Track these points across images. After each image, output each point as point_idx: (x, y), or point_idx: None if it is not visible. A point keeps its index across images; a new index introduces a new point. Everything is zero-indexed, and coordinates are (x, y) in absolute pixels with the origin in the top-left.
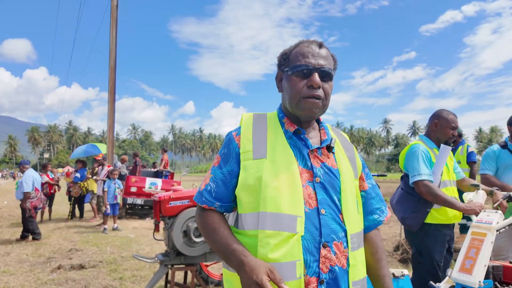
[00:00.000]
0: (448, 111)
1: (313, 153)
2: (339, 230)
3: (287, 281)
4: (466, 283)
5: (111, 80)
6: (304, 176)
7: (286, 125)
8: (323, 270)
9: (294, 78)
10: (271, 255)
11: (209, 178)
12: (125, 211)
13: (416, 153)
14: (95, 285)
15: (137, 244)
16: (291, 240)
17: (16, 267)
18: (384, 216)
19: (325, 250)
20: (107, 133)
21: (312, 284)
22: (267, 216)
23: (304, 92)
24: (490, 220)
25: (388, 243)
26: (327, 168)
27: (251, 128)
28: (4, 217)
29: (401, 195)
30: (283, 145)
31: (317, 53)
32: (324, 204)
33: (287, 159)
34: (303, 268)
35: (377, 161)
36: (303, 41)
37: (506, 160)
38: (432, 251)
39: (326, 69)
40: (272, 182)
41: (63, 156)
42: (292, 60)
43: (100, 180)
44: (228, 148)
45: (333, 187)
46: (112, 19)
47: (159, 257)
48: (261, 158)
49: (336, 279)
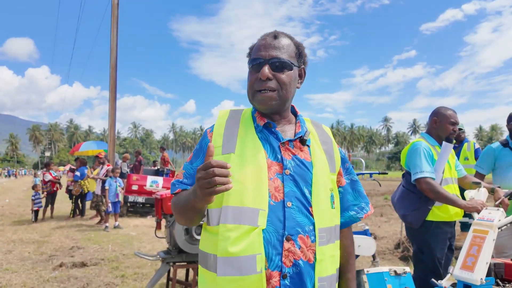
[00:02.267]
0: (447, 108)
1: (285, 146)
2: (307, 223)
3: (248, 275)
4: (468, 281)
5: (112, 78)
6: (273, 169)
7: (257, 119)
8: (286, 264)
9: (250, 73)
10: (231, 248)
11: (182, 174)
12: (126, 209)
13: (418, 150)
14: (97, 282)
15: (138, 242)
16: (252, 234)
17: (18, 265)
18: (363, 214)
19: (289, 244)
20: (108, 131)
21: (274, 278)
22: (229, 210)
23: (256, 85)
24: (492, 217)
25: (389, 241)
26: (298, 160)
27: (224, 124)
28: (6, 215)
29: (402, 192)
30: (252, 139)
31: (270, 44)
32: (292, 196)
33: (255, 152)
34: (265, 262)
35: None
36: (264, 34)
37: (507, 159)
38: (433, 248)
39: (278, 59)
40: (237, 176)
41: (64, 154)
42: (251, 55)
43: (98, 179)
44: (200, 144)
45: (304, 180)
46: (113, 18)
47: (161, 254)
48: (229, 152)
49: (300, 274)
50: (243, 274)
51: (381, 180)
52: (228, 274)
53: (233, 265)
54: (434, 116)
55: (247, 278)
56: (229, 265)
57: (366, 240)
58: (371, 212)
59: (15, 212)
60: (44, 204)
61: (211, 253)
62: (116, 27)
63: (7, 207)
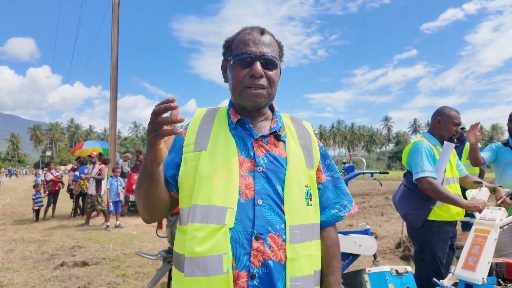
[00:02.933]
0: (451, 108)
1: (258, 142)
2: (278, 222)
3: (214, 275)
4: (470, 280)
5: (113, 78)
6: (244, 166)
7: (232, 116)
8: (255, 264)
9: (236, 68)
10: (197, 248)
11: None
12: (127, 208)
13: (420, 149)
14: (98, 281)
15: (139, 241)
16: (218, 233)
17: (20, 264)
18: (346, 212)
19: (258, 243)
20: (109, 131)
21: (242, 279)
22: (197, 209)
23: (246, 81)
24: (494, 217)
25: (390, 240)
26: (272, 156)
27: (198, 122)
28: (7, 215)
29: (403, 192)
30: (225, 136)
31: (259, 40)
32: (263, 194)
33: (227, 150)
34: (232, 262)
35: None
36: (245, 28)
37: (507, 157)
38: (434, 248)
39: (269, 57)
40: (207, 174)
41: (65, 154)
42: (234, 49)
43: (91, 178)
44: (174, 140)
45: (277, 176)
46: (113, 17)
47: (162, 254)
48: (201, 150)
49: (270, 274)
50: (209, 274)
51: (382, 179)
52: (194, 274)
53: (199, 265)
54: (438, 116)
55: (213, 279)
56: (195, 265)
57: (367, 239)
58: (355, 211)
59: (16, 212)
60: (46, 203)
61: (181, 253)
62: (117, 26)
63: (8, 206)
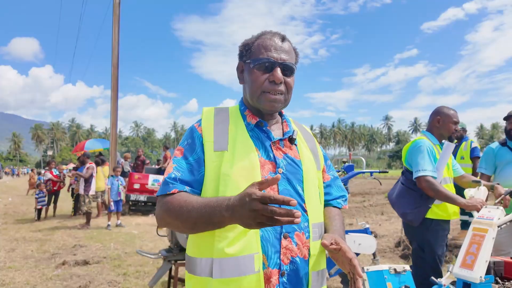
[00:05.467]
0: (448, 107)
1: (276, 145)
2: (302, 220)
3: (246, 275)
4: (468, 279)
5: (113, 77)
6: (266, 168)
7: (248, 118)
8: (284, 262)
9: (256, 71)
10: (228, 249)
11: (172, 168)
12: (128, 207)
13: (422, 148)
14: (99, 280)
15: (140, 240)
16: (249, 233)
17: (22, 263)
18: (342, 205)
19: (286, 241)
20: (110, 130)
21: (274, 276)
22: None
23: (266, 86)
24: (492, 216)
25: (389, 239)
26: (290, 159)
27: (212, 120)
28: (9, 214)
29: (401, 190)
30: (244, 137)
31: (280, 46)
32: (286, 194)
33: (247, 151)
34: (264, 261)
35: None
36: (265, 32)
37: (506, 157)
38: (434, 246)
39: (289, 63)
40: (231, 175)
41: (67, 153)
42: (254, 52)
43: (80, 176)
44: (192, 138)
45: (296, 178)
46: (114, 17)
47: (163, 253)
48: (222, 150)
49: (297, 270)
50: (241, 274)
51: (382, 178)
52: (225, 276)
53: (230, 266)
54: (438, 115)
55: (245, 279)
56: (226, 267)
57: (366, 238)
58: (346, 207)
59: (18, 211)
60: (47, 203)
61: (202, 257)
62: (117, 26)
63: (10, 205)
